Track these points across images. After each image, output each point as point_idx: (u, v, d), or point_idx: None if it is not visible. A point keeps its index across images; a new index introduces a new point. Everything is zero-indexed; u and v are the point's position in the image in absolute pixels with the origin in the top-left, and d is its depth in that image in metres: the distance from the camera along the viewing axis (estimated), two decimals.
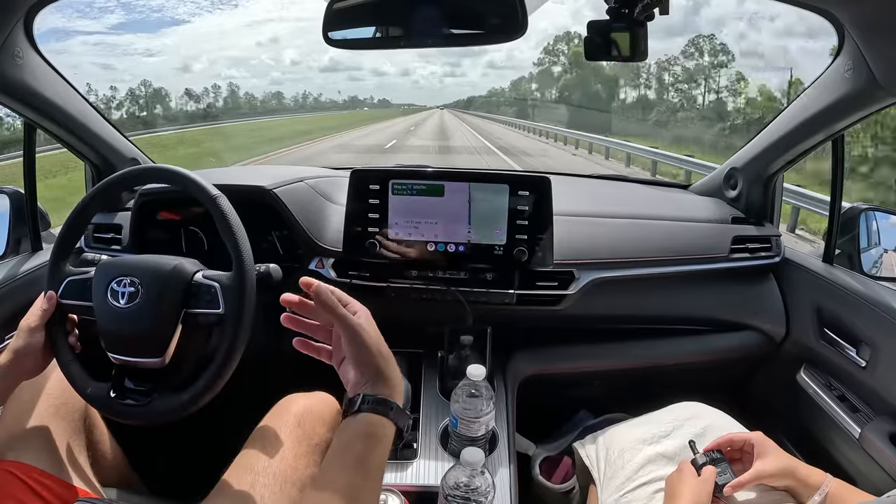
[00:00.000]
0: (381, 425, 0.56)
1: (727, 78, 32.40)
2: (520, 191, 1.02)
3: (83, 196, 0.87)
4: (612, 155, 11.39)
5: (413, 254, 1.05)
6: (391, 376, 0.59)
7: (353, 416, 0.56)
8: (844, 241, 1.14)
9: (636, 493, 0.84)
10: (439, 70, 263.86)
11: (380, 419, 0.56)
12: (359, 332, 0.59)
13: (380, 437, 0.55)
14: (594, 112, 27.91)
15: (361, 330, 0.59)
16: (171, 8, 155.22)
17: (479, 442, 0.90)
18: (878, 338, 0.98)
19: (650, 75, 37.54)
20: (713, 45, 34.69)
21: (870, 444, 0.94)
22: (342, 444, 0.55)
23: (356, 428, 0.55)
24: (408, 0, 0.75)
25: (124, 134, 1.33)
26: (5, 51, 0.90)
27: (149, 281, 0.77)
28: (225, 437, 0.92)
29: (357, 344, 0.59)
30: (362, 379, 0.58)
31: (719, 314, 1.21)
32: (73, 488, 0.76)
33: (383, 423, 0.56)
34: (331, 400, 0.96)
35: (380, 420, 0.56)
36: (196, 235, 1.16)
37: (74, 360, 0.79)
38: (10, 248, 1.18)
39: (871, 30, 0.79)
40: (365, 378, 0.58)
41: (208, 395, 0.76)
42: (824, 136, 1.05)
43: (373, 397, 0.56)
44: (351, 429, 0.55)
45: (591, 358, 1.20)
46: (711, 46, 34.76)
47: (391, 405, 0.57)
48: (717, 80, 32.91)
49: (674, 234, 1.17)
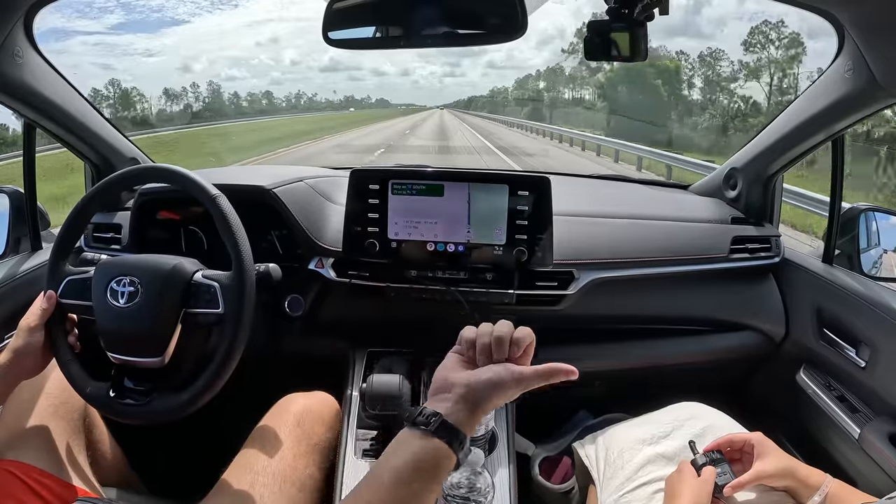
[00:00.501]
0: (448, 459, 0.50)
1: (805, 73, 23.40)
2: (519, 191, 1.02)
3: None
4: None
5: (413, 254, 1.05)
6: (477, 418, 0.53)
7: (424, 435, 0.50)
8: (844, 241, 1.14)
9: (636, 493, 0.84)
10: (439, 70, 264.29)
11: (449, 452, 0.50)
12: (518, 390, 0.55)
13: (442, 469, 0.50)
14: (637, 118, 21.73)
15: (517, 393, 0.55)
16: (171, 8, 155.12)
17: (478, 442, 0.90)
18: (877, 338, 0.98)
19: (694, 71, 29.79)
20: (780, 33, 24.27)
21: (869, 445, 0.94)
22: (407, 467, 0.48)
23: (424, 455, 0.49)
24: (407, 0, 0.75)
25: (124, 133, 1.33)
26: (5, 50, 0.90)
27: (148, 280, 0.77)
28: (224, 437, 0.92)
29: (505, 386, 0.53)
30: (462, 388, 0.52)
31: (719, 314, 1.21)
32: (72, 488, 0.76)
33: (450, 456, 0.50)
34: (330, 399, 0.96)
35: (448, 453, 0.50)
36: (196, 235, 1.16)
37: (74, 359, 0.80)
38: (10, 247, 1.18)
39: (871, 30, 0.79)
40: (464, 390, 0.52)
41: (208, 394, 0.76)
42: (824, 136, 1.05)
43: (452, 426, 0.50)
44: (418, 451, 0.49)
45: (591, 358, 1.19)
46: (779, 35, 24.29)
47: (462, 438, 0.51)
48: (789, 75, 24.12)
49: (674, 235, 1.17)
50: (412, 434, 0.50)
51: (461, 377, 0.54)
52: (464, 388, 0.52)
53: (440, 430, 0.49)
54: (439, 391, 0.54)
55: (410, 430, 0.51)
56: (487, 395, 0.52)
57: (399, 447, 0.50)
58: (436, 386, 0.55)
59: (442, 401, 0.52)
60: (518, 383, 0.54)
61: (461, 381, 0.53)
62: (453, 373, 0.55)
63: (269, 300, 1.10)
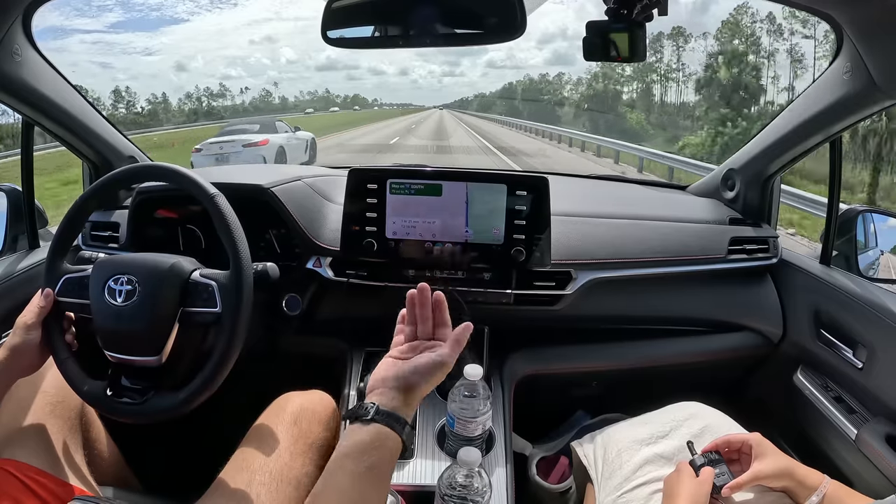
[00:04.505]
0: (392, 439, 0.57)
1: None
2: (518, 191, 1.02)
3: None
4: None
5: (410, 253, 1.05)
6: (412, 402, 0.60)
7: (365, 424, 0.57)
8: (841, 242, 1.14)
9: (634, 493, 0.84)
10: (438, 69, 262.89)
11: (391, 433, 0.57)
12: (444, 368, 0.62)
13: (389, 449, 0.56)
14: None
15: (445, 370, 0.62)
16: (170, 7, 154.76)
17: (475, 442, 0.90)
18: (874, 339, 0.98)
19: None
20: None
21: (866, 446, 0.94)
22: (354, 450, 0.55)
23: (368, 438, 0.56)
24: (407, 0, 0.75)
25: (122, 132, 1.33)
26: (4, 48, 0.90)
27: (146, 279, 0.77)
28: (221, 436, 0.92)
29: (432, 369, 0.61)
30: (392, 381, 0.60)
31: (717, 315, 1.22)
32: (69, 486, 0.76)
33: (394, 437, 0.57)
34: (327, 398, 0.96)
35: (390, 434, 0.57)
36: (194, 234, 1.16)
37: (71, 357, 0.79)
38: (8, 245, 1.18)
39: (870, 32, 0.79)
40: (395, 382, 0.60)
41: (205, 393, 0.76)
42: (822, 137, 1.05)
43: (387, 411, 0.57)
44: (362, 436, 0.56)
45: (589, 358, 1.20)
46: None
47: (402, 421, 0.58)
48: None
49: (671, 235, 1.18)
50: (354, 426, 0.57)
51: (391, 372, 0.61)
52: (393, 380, 0.60)
53: (377, 416, 0.57)
54: (374, 388, 0.61)
55: (353, 423, 0.58)
56: (416, 380, 0.60)
57: (345, 438, 0.57)
58: (371, 385, 0.62)
59: (377, 395, 0.60)
60: (440, 359, 0.62)
61: (391, 375, 0.61)
62: (385, 372, 0.62)
63: (267, 299, 1.10)
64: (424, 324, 0.67)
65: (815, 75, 1.01)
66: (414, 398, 0.60)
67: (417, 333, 0.67)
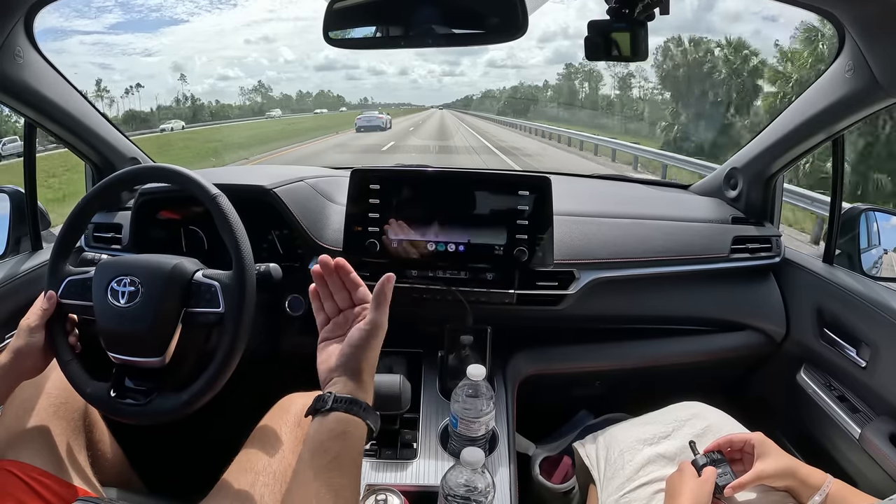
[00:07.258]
0: (353, 424, 0.57)
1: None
2: (520, 191, 1.02)
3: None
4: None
5: (413, 254, 1.05)
6: (366, 379, 0.61)
7: (325, 416, 0.57)
8: (845, 241, 1.14)
9: (636, 493, 0.84)
10: (437, 69, 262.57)
11: (352, 419, 0.57)
12: (379, 332, 0.62)
13: (354, 435, 0.57)
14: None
15: (381, 332, 0.62)
16: (170, 7, 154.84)
17: (479, 442, 0.90)
18: (878, 338, 0.98)
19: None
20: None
21: (870, 445, 0.94)
22: (317, 444, 0.56)
23: (329, 427, 0.56)
24: (408, 0, 0.75)
25: (125, 133, 1.33)
26: (6, 50, 0.90)
27: (149, 280, 0.77)
28: (225, 437, 0.92)
29: (367, 338, 0.61)
30: (339, 369, 0.60)
31: (720, 314, 1.21)
32: (72, 487, 0.76)
33: (356, 422, 0.57)
34: None
35: (352, 419, 0.57)
36: (196, 235, 1.16)
37: (74, 359, 0.79)
38: (11, 247, 1.18)
39: (872, 30, 0.79)
40: (343, 370, 0.60)
41: (208, 394, 0.75)
42: (825, 136, 1.05)
43: (345, 397, 0.57)
44: (324, 428, 0.56)
45: (592, 358, 1.19)
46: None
47: (362, 405, 0.58)
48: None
49: (674, 234, 1.17)
50: (315, 421, 0.57)
51: (332, 361, 0.61)
52: (339, 367, 0.60)
53: (336, 404, 0.57)
54: (325, 382, 0.61)
55: (314, 417, 0.58)
56: (357, 356, 0.60)
57: (308, 434, 0.57)
58: (323, 378, 0.62)
59: (331, 385, 0.60)
60: (370, 325, 0.61)
61: (334, 363, 0.61)
62: (327, 363, 0.62)
63: (270, 300, 1.10)
64: (340, 293, 0.66)
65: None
66: (365, 375, 0.60)
67: (338, 305, 0.66)
